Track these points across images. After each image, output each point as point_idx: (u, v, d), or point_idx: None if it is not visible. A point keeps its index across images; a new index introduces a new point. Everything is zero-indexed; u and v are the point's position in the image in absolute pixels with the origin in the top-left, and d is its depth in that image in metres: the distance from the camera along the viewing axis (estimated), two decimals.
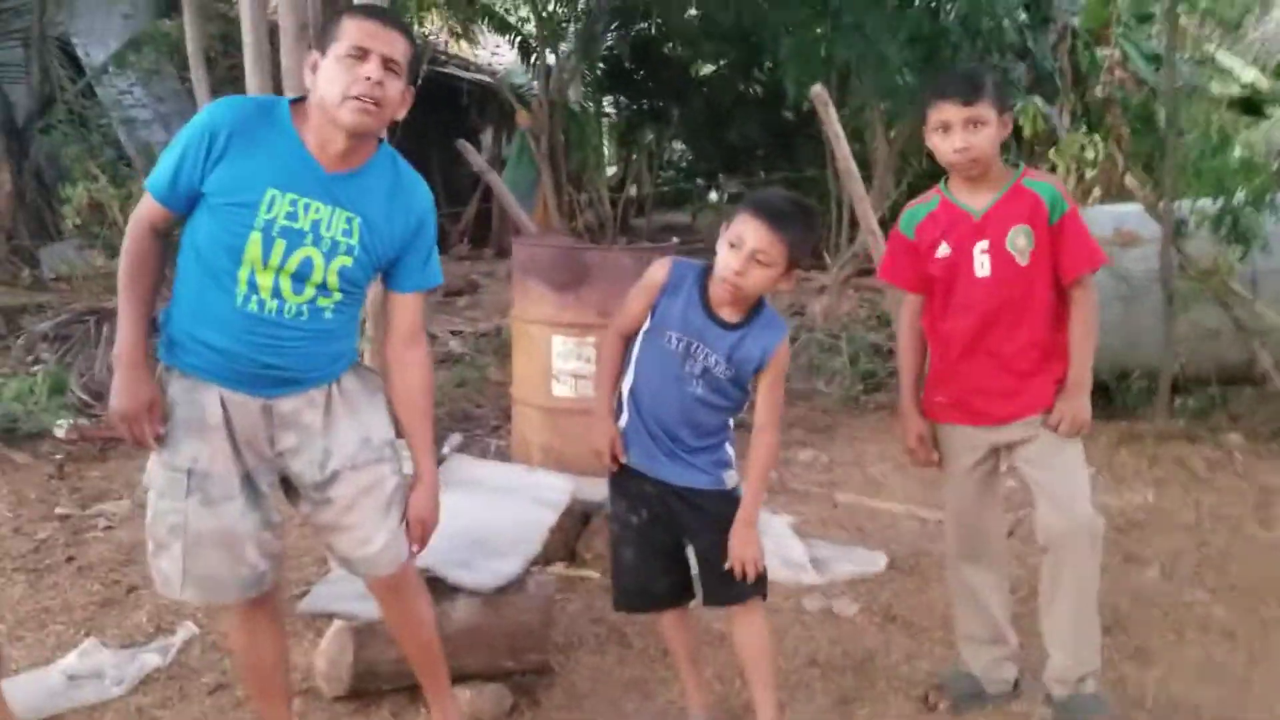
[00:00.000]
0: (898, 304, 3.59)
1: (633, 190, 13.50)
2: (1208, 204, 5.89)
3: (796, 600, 3.96)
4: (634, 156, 14.01)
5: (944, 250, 3.02)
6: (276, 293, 2.39)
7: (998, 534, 3.19)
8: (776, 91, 12.48)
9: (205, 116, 2.39)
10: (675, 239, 5.96)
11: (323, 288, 2.42)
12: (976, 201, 2.97)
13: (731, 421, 2.87)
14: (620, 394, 2.85)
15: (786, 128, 12.83)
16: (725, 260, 2.63)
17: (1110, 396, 6.03)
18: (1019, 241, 2.92)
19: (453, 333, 8.36)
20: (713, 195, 18.50)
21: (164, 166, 2.40)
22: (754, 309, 2.75)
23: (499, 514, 3.60)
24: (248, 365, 2.41)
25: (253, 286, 2.38)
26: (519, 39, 12.68)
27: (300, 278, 2.39)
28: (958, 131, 2.87)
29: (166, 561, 2.47)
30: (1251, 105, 12.01)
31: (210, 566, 2.47)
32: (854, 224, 9.70)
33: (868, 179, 10.69)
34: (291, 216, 2.37)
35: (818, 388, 7.05)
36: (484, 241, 14.63)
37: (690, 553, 2.90)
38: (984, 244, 2.96)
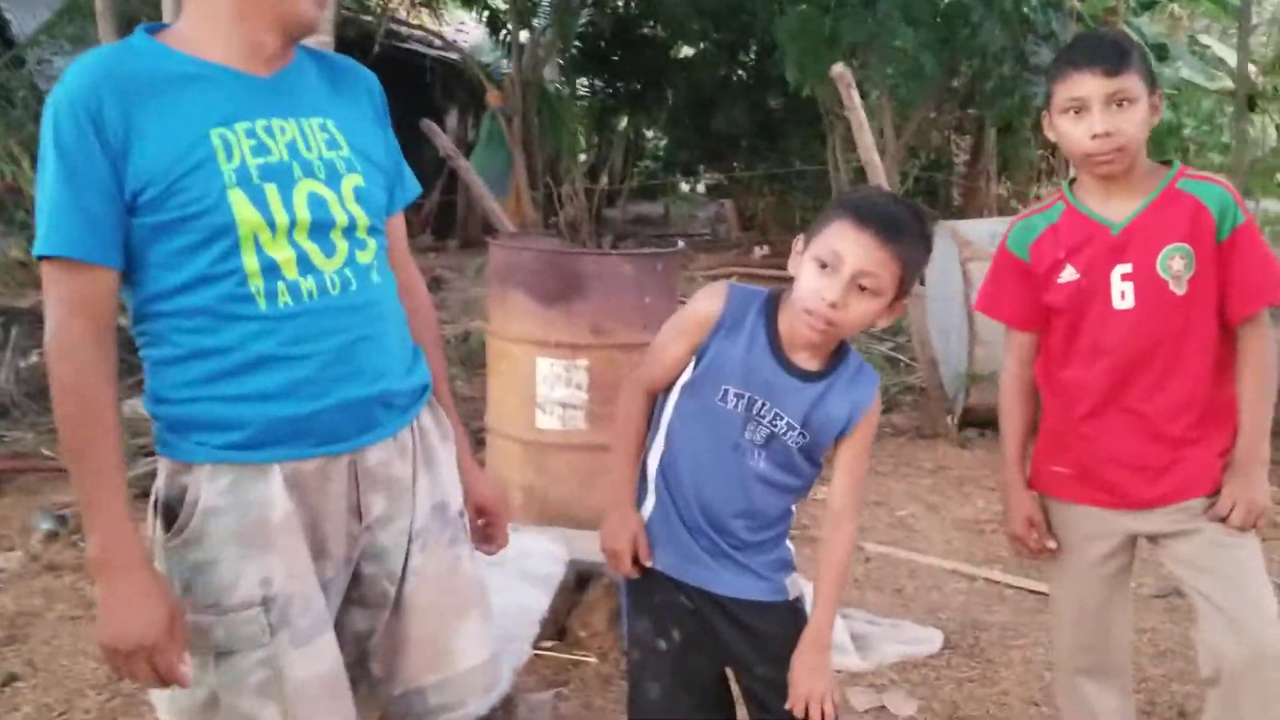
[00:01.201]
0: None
1: (607, 180, 12.71)
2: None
3: (842, 694, 3.22)
4: (609, 143, 13.24)
5: (1069, 275, 2.30)
6: (306, 265, 1.69)
7: (1125, 643, 2.48)
8: (764, 77, 11.76)
9: (64, 107, 1.59)
10: (677, 239, 5.22)
11: (351, 233, 1.76)
12: (1115, 211, 2.26)
13: (794, 508, 2.16)
14: (644, 471, 2.12)
15: (774, 116, 12.11)
16: (813, 286, 1.90)
17: None
18: (1174, 265, 2.21)
19: None
20: (684, 186, 17.82)
21: (61, 212, 1.59)
22: (838, 353, 2.04)
23: None
24: (318, 397, 1.70)
25: (272, 270, 1.66)
26: (487, 13, 11.82)
27: (321, 229, 1.71)
28: (1097, 111, 2.16)
29: None
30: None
31: None
32: None
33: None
34: (260, 150, 1.67)
35: None
36: (448, 232, 13.80)
37: (737, 687, 2.18)
38: (1126, 267, 2.25)
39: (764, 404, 2.00)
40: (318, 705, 1.70)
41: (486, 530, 2.12)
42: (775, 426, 2.01)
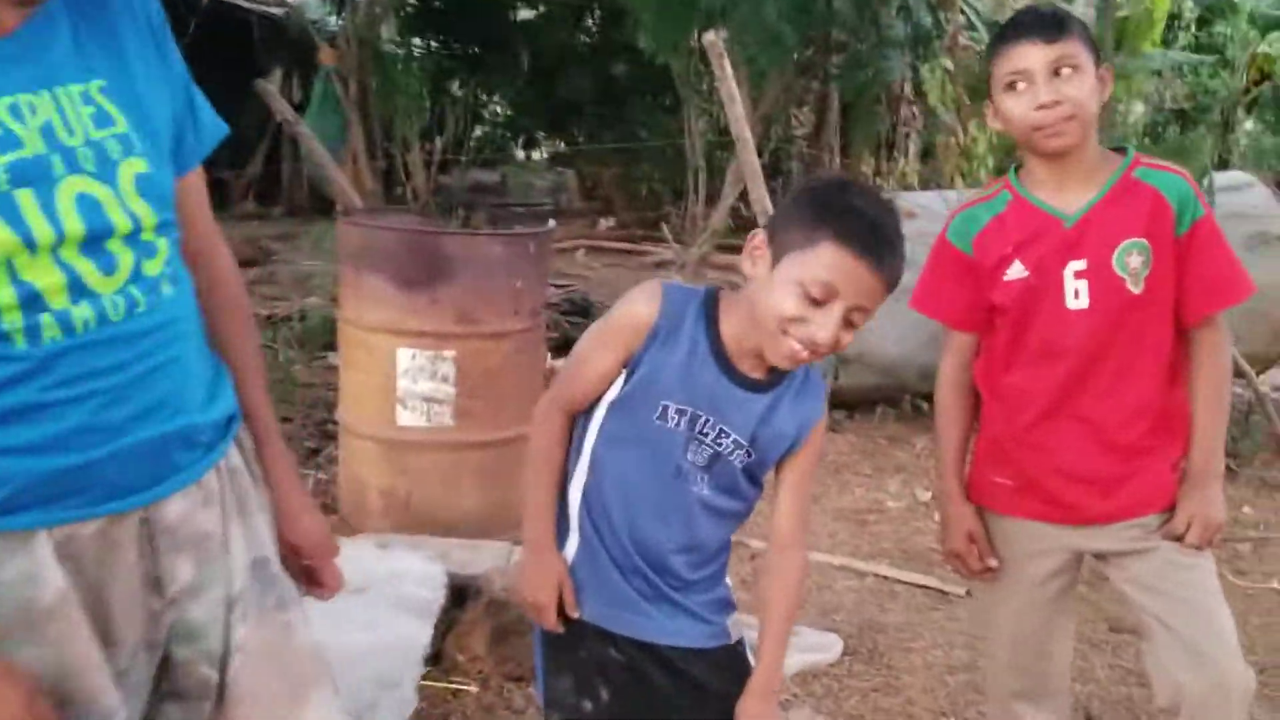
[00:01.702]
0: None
1: (442, 147, 12.19)
2: None
3: None
4: (445, 108, 12.70)
5: (1017, 272, 2.11)
6: (79, 289, 1.30)
7: (1066, 666, 2.32)
8: (609, 43, 11.45)
9: None
10: (517, 208, 4.90)
11: (135, 239, 1.36)
12: (1067, 202, 2.08)
13: (731, 540, 1.94)
14: (564, 506, 1.83)
15: (618, 84, 11.81)
16: (796, 315, 1.62)
17: None
18: (1132, 261, 2.04)
19: None
20: (520, 154, 17.36)
21: None
22: None
23: (345, 636, 2.49)
24: (98, 445, 1.33)
25: (34, 301, 1.27)
26: None
27: (96, 240, 1.31)
28: (1041, 81, 1.99)
29: None
30: None
31: None
32: (711, 199, 8.85)
33: (729, 149, 9.85)
34: (8, 142, 1.25)
35: None
36: (273, 199, 13.06)
37: None
38: (1080, 264, 2.06)
39: (708, 420, 1.75)
40: None
41: (310, 573, 1.71)
42: (720, 445, 1.76)
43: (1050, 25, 1.99)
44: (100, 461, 1.32)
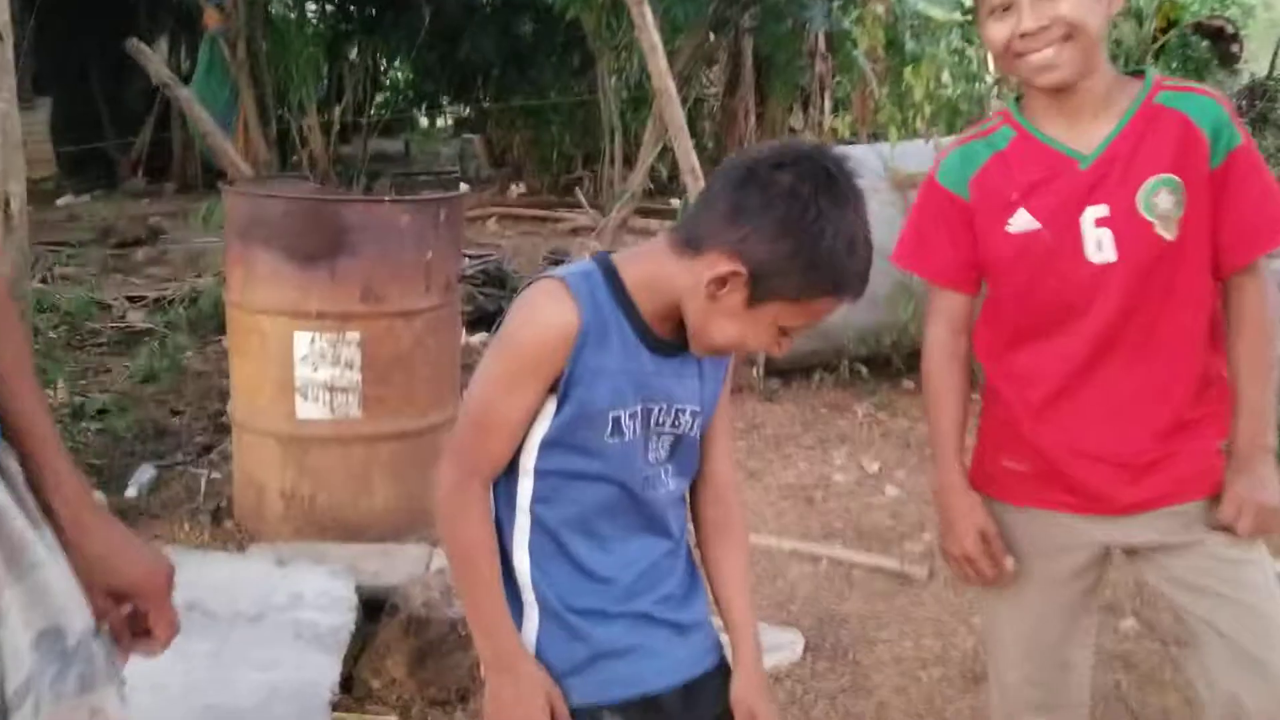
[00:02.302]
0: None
1: (340, 114, 11.59)
2: None
3: None
4: (343, 74, 12.09)
5: (1025, 222, 1.79)
6: None
7: (1086, 676, 2.01)
8: (512, 2, 10.95)
9: None
10: (421, 176, 4.48)
11: None
12: (1081, 137, 1.76)
13: None
14: (513, 581, 1.50)
15: (523, 46, 11.31)
16: (761, 342, 1.44)
17: None
18: (1161, 201, 1.72)
19: (131, 300, 6.45)
20: (423, 120, 16.74)
21: None
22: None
23: (239, 678, 2.10)
24: None
25: None
26: None
27: None
28: (1025, 4, 1.67)
29: None
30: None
31: None
32: (627, 160, 8.46)
33: (643, 109, 9.47)
34: None
35: None
36: (163, 173, 12.34)
37: None
38: (1100, 210, 1.74)
39: (660, 408, 1.50)
40: None
41: (137, 622, 1.32)
42: (679, 426, 1.53)
43: None
44: None
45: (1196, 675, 1.83)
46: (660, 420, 1.50)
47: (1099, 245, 1.75)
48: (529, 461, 1.46)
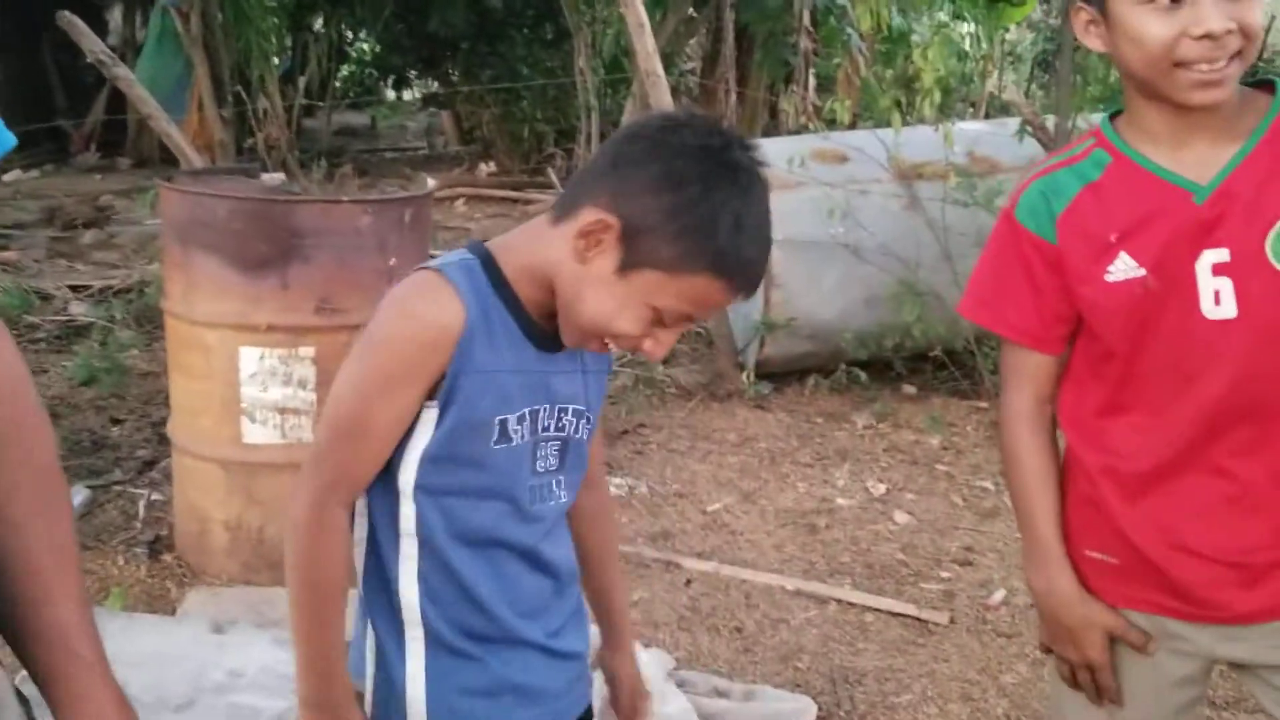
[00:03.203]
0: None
1: (304, 90, 11.07)
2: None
3: None
4: (305, 47, 11.58)
5: (1127, 268, 1.45)
6: None
7: None
8: None
9: None
10: (387, 153, 4.08)
11: None
12: (1196, 164, 1.42)
13: None
14: (392, 609, 1.35)
15: (494, 19, 10.85)
16: (637, 332, 1.28)
17: None
18: None
19: (75, 289, 6.01)
20: (390, 93, 16.21)
21: None
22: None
23: None
24: None
25: None
26: None
27: None
28: (1203, 4, 1.32)
29: None
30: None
31: None
32: (603, 139, 8.05)
33: (620, 87, 9.06)
34: None
35: None
36: (118, 148, 11.81)
37: None
38: (1220, 254, 1.41)
39: (545, 409, 1.36)
40: None
41: None
42: (563, 429, 1.39)
43: None
44: None
45: None
46: (545, 424, 1.36)
47: (1217, 298, 1.41)
48: (409, 479, 1.31)
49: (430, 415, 1.30)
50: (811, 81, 10.58)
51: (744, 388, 4.90)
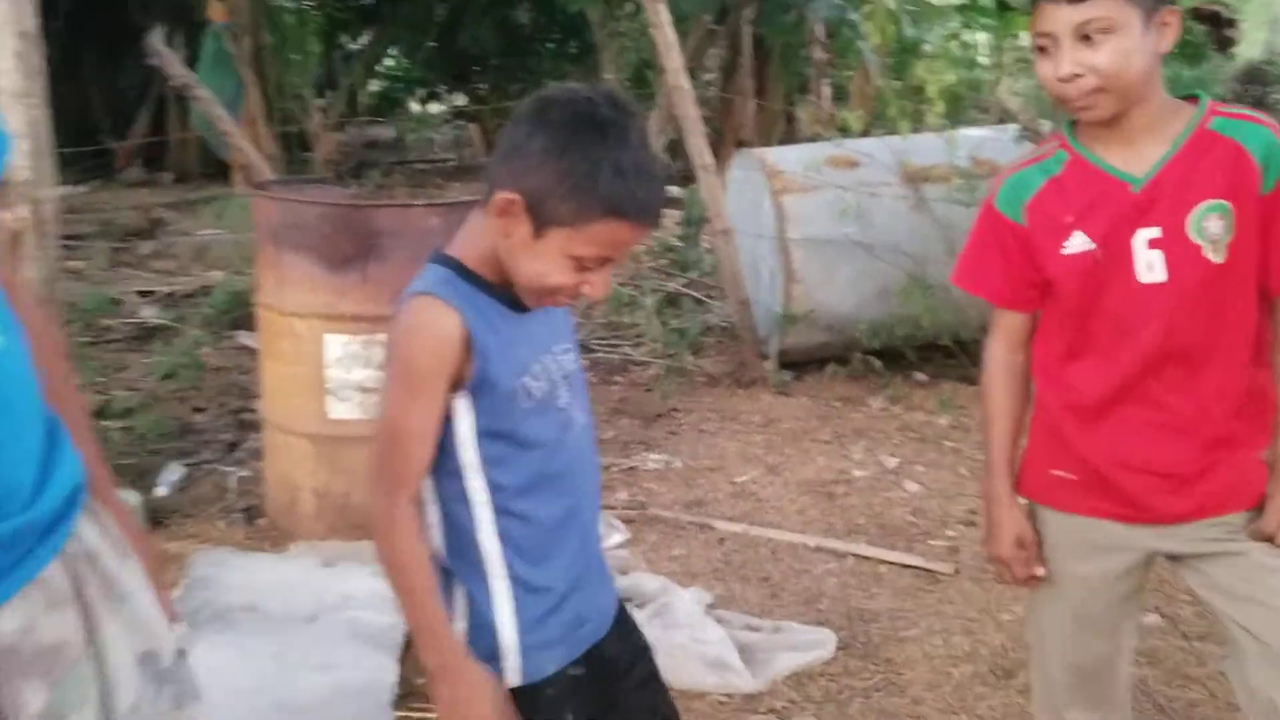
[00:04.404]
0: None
1: (340, 103, 11.56)
2: None
3: None
4: (339, 63, 12.05)
5: (1080, 244, 1.84)
6: None
7: (1128, 678, 2.07)
8: None
9: None
10: (417, 164, 4.50)
11: None
12: (1134, 161, 1.81)
13: None
14: (477, 563, 1.59)
15: (521, 34, 11.31)
16: (563, 281, 1.53)
17: None
18: (1211, 226, 1.77)
19: (141, 294, 6.47)
20: (415, 106, 16.68)
21: None
22: None
23: (301, 678, 2.14)
24: None
25: None
26: None
27: None
28: (1066, 47, 1.72)
29: None
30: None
31: None
32: None
33: (644, 99, 9.46)
34: None
35: (628, 354, 5.80)
36: (160, 164, 12.31)
37: None
38: (1152, 232, 1.79)
39: (545, 358, 1.63)
40: None
41: None
42: (564, 365, 1.66)
43: None
44: None
45: (1236, 681, 1.89)
46: (551, 370, 1.61)
47: (1150, 266, 1.80)
48: (470, 458, 1.55)
49: (464, 404, 1.53)
50: (827, 91, 10.98)
51: (767, 375, 5.29)
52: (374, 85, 13.68)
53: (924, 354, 5.38)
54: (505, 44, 11.19)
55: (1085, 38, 1.70)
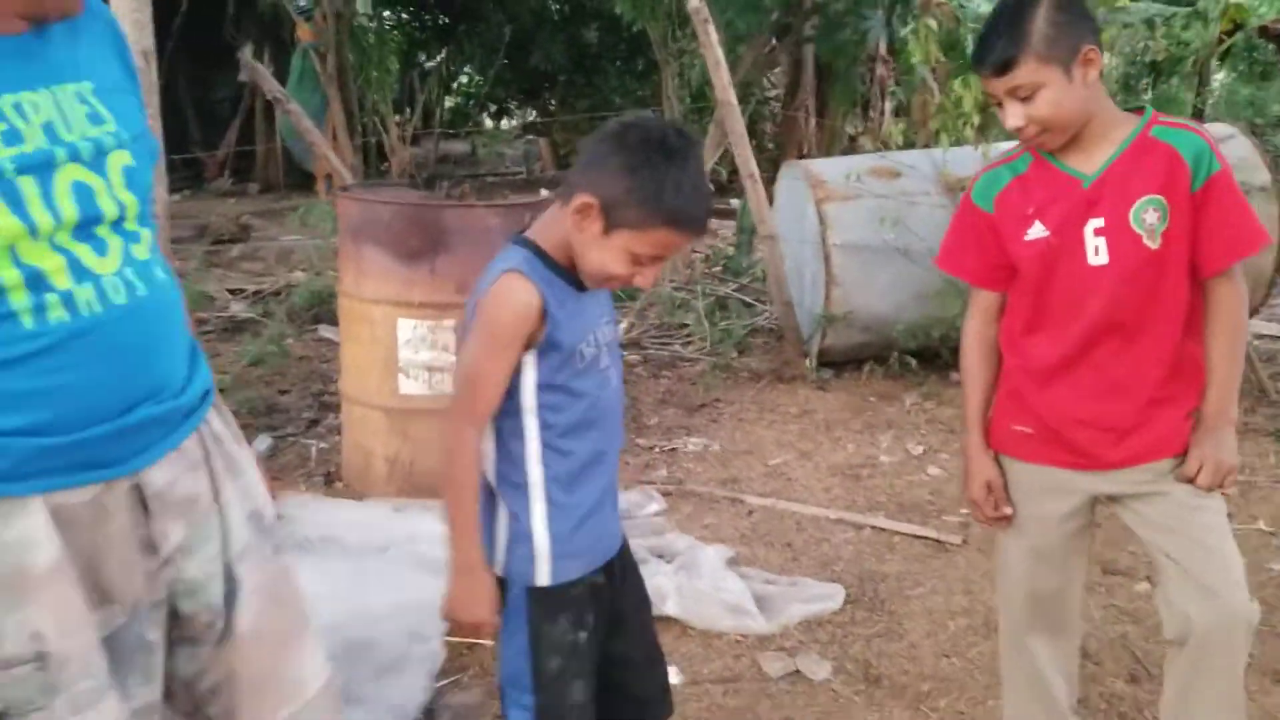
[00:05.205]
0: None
1: (414, 119, 12.13)
2: None
3: (753, 660, 3.11)
4: (416, 80, 12.62)
5: (1038, 232, 2.18)
6: (79, 270, 1.39)
7: (1078, 604, 2.42)
8: (581, 10, 11.43)
9: None
10: (488, 177, 4.92)
11: (120, 226, 1.46)
12: (1085, 162, 2.15)
13: None
14: (523, 487, 1.94)
15: (590, 53, 11.79)
16: (621, 272, 1.85)
17: None
18: (1148, 217, 2.10)
19: (231, 292, 7.00)
20: (488, 122, 17.28)
21: None
22: None
23: (373, 593, 2.56)
24: (98, 422, 1.40)
25: (38, 283, 1.35)
26: None
27: (89, 225, 1.41)
28: (1007, 105, 2.08)
29: None
30: None
31: None
32: None
33: (705, 114, 9.87)
34: (12, 138, 1.33)
35: (678, 352, 6.19)
36: (247, 175, 12.99)
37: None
38: (1098, 221, 2.14)
39: (596, 329, 1.96)
40: None
41: None
42: (607, 336, 1.99)
43: (996, 58, 2.05)
44: (99, 440, 1.41)
45: (1160, 600, 2.22)
46: (597, 339, 1.95)
47: (1096, 251, 2.14)
48: (530, 403, 1.90)
49: (532, 360, 1.87)
50: (888, 107, 11.27)
51: (807, 372, 5.65)
52: (449, 101, 14.23)
53: (958, 354, 5.66)
54: (574, 62, 11.67)
55: (1017, 99, 2.07)
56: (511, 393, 1.89)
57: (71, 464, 1.39)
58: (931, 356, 5.67)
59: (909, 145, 7.10)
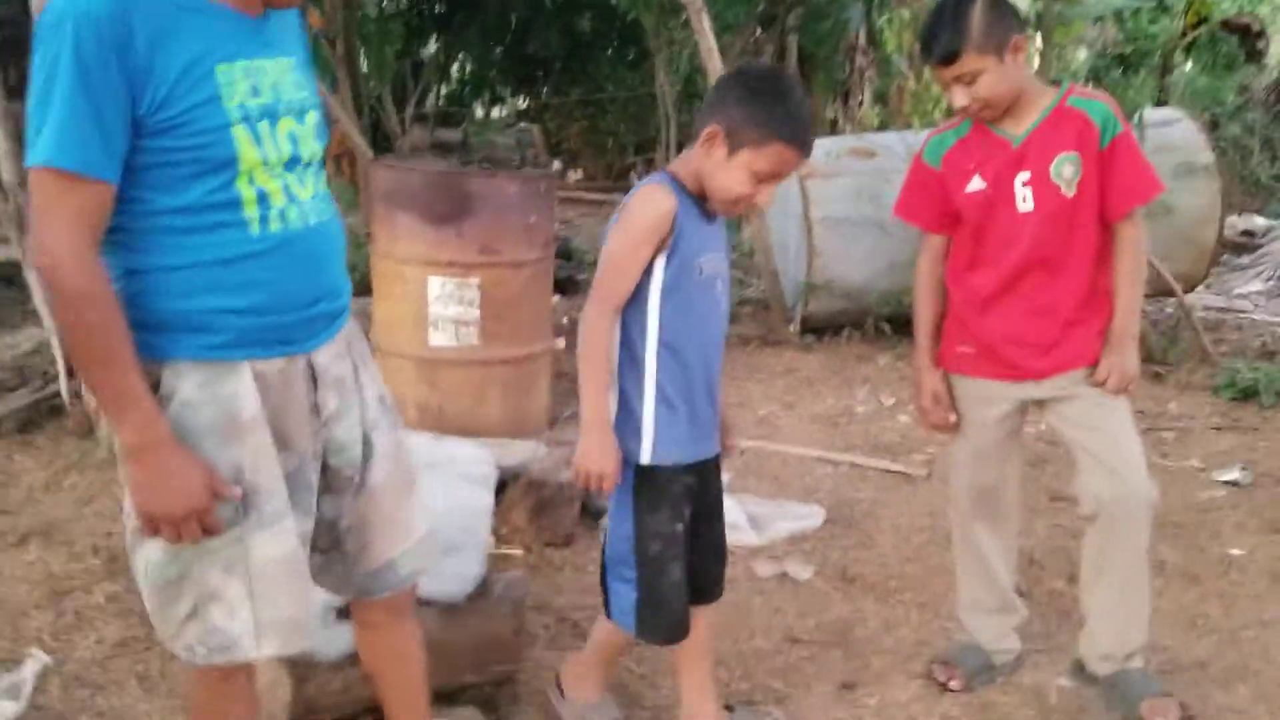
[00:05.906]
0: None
1: (412, 104, 12.56)
2: None
3: (746, 566, 3.60)
4: (413, 67, 13.03)
5: (977, 184, 2.67)
6: (290, 195, 1.86)
7: (1016, 493, 2.92)
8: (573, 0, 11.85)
9: (87, 22, 1.64)
10: (483, 163, 5.38)
11: (311, 166, 1.94)
12: (1014, 127, 2.64)
13: None
14: (639, 376, 2.30)
15: (583, 41, 12.23)
16: (745, 191, 2.20)
17: None
18: (1065, 170, 2.60)
19: None
20: (479, 111, 17.65)
21: (76, 127, 1.65)
22: None
23: (432, 497, 3.02)
24: (292, 310, 1.87)
25: (264, 199, 1.82)
26: None
27: (295, 163, 1.88)
28: (952, 89, 2.58)
29: (221, 614, 1.86)
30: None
31: (288, 607, 1.91)
32: (682, 147, 9.34)
33: (695, 101, 10.34)
34: (255, 91, 1.81)
35: None
36: None
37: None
38: (1026, 174, 2.63)
39: (712, 252, 2.30)
40: (277, 582, 1.87)
41: None
42: (720, 262, 2.33)
43: (940, 50, 2.53)
44: (291, 323, 1.88)
45: (1079, 485, 2.72)
46: (715, 263, 2.31)
47: (1024, 199, 2.63)
48: (654, 300, 2.25)
49: (660, 262, 2.21)
50: (867, 94, 11.76)
51: (791, 337, 6.13)
52: (444, 89, 14.61)
53: None
54: (568, 50, 12.09)
55: (961, 84, 2.55)
56: (639, 291, 2.23)
57: (271, 340, 1.85)
58: (904, 321, 6.03)
59: (884, 128, 7.61)
